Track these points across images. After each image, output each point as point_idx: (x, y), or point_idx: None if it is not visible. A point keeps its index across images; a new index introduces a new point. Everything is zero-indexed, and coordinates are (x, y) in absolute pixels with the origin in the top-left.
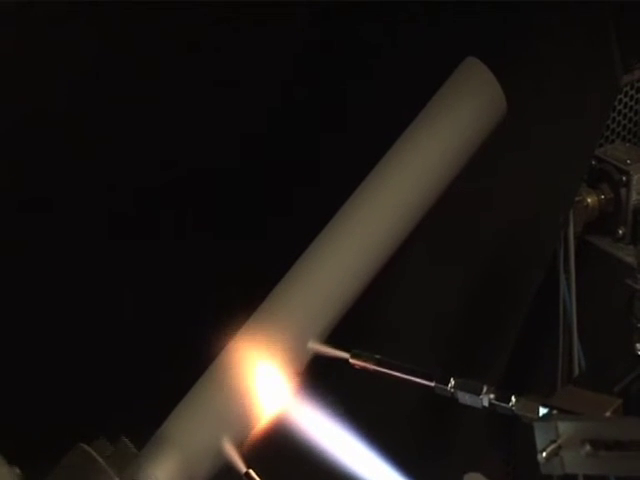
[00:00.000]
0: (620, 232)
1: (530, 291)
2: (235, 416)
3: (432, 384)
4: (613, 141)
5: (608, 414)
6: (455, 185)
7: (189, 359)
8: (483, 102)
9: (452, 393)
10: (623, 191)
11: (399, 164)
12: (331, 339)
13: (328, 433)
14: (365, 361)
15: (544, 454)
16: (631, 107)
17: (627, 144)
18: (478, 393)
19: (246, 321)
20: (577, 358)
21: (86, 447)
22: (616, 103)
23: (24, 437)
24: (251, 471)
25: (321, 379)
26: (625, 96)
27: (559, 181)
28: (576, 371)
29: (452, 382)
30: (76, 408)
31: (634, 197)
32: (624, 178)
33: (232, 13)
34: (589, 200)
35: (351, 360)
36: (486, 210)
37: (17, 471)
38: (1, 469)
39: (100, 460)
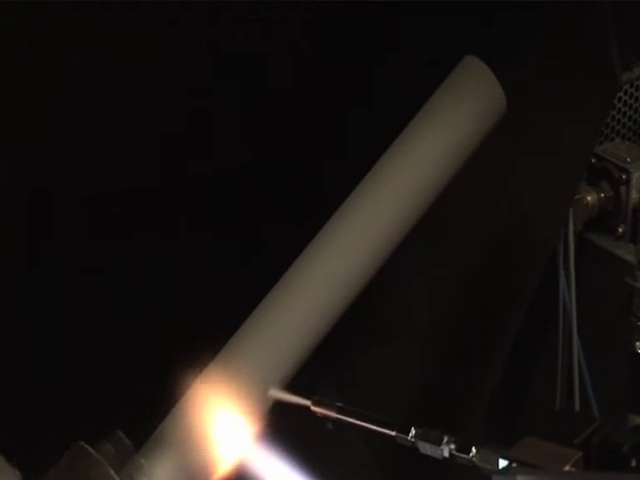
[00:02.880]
0: (620, 230)
1: (530, 289)
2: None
3: (393, 433)
4: (613, 139)
5: (568, 467)
6: (454, 184)
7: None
8: (483, 101)
9: (413, 442)
10: (623, 189)
11: (397, 164)
12: (332, 338)
13: None
14: (326, 408)
15: None
16: (631, 105)
17: (627, 142)
18: (439, 443)
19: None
20: (577, 356)
21: (85, 445)
22: (616, 101)
23: (24, 437)
24: None
25: (282, 426)
26: (625, 94)
27: (559, 179)
28: (576, 370)
29: (413, 432)
30: (75, 408)
31: (634, 195)
32: (624, 176)
33: None
34: (589, 198)
35: (313, 407)
36: (486, 208)
37: (17, 472)
38: (1, 468)
39: (100, 459)
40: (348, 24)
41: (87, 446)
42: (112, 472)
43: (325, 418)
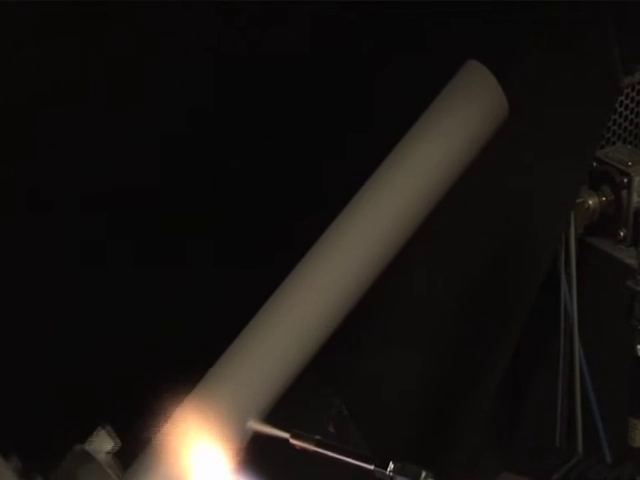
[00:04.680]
0: (621, 234)
1: (531, 293)
2: None
3: (371, 467)
4: (614, 143)
5: None
6: (456, 187)
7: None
8: (485, 105)
9: (391, 477)
10: (624, 193)
11: (399, 168)
12: (332, 339)
13: None
14: (305, 442)
15: None
16: (632, 109)
17: (628, 146)
18: (417, 478)
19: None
20: (578, 359)
21: (86, 448)
22: (617, 105)
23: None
24: None
25: (261, 458)
26: (626, 98)
27: (560, 183)
28: (577, 373)
29: (391, 466)
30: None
31: (635, 199)
32: (625, 180)
33: None
34: (590, 202)
35: (291, 440)
36: (487, 212)
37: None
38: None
39: (99, 462)
40: (350, 27)
41: (87, 448)
42: (113, 474)
43: (304, 451)
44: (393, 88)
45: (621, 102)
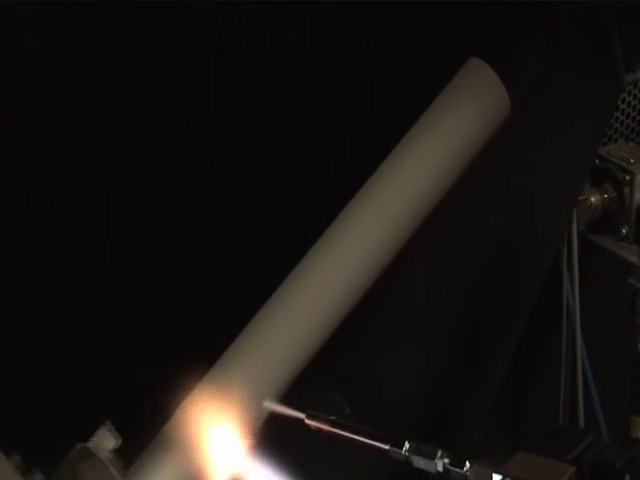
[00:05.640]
0: (623, 231)
1: (533, 290)
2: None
3: (387, 447)
4: (616, 140)
5: None
6: (458, 185)
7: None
8: (487, 102)
9: (406, 457)
10: (626, 190)
11: (401, 167)
12: (334, 337)
13: None
14: (320, 422)
15: None
16: (634, 106)
17: (630, 143)
18: (432, 457)
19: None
20: (581, 357)
21: (88, 446)
22: (619, 102)
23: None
24: None
25: (277, 438)
26: (628, 95)
27: (562, 180)
28: (579, 371)
29: (406, 446)
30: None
31: (637, 196)
32: (627, 177)
33: None
34: (592, 199)
35: (306, 421)
36: (489, 210)
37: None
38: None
39: (102, 460)
40: (350, 27)
41: (89, 447)
42: (116, 473)
43: (318, 431)
44: (394, 88)
45: (623, 99)
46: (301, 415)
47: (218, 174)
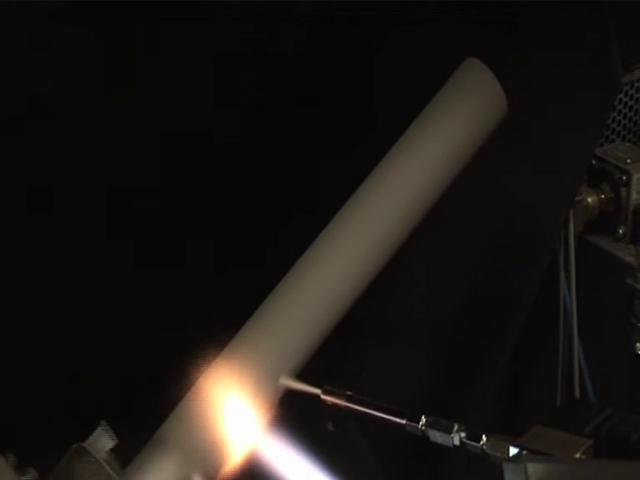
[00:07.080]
0: (620, 232)
1: (530, 291)
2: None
3: (403, 422)
4: (613, 140)
5: (578, 455)
6: (455, 185)
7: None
8: (483, 102)
9: (423, 431)
10: (623, 191)
11: (398, 166)
12: (334, 338)
13: (299, 470)
14: (336, 397)
15: None
16: (631, 107)
17: (627, 143)
18: (449, 432)
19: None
20: (577, 358)
21: (85, 446)
22: (616, 102)
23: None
24: None
25: (293, 414)
26: (625, 95)
27: (559, 180)
28: (576, 371)
29: (423, 420)
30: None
31: (634, 197)
32: (624, 177)
33: None
34: (589, 200)
35: (323, 396)
36: (486, 210)
37: (12, 459)
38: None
39: (99, 460)
40: (348, 25)
41: (87, 447)
42: (113, 473)
43: (334, 407)
44: (392, 87)
45: (620, 99)
46: (317, 391)
47: (218, 173)
